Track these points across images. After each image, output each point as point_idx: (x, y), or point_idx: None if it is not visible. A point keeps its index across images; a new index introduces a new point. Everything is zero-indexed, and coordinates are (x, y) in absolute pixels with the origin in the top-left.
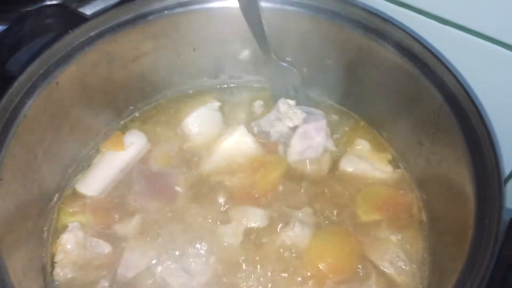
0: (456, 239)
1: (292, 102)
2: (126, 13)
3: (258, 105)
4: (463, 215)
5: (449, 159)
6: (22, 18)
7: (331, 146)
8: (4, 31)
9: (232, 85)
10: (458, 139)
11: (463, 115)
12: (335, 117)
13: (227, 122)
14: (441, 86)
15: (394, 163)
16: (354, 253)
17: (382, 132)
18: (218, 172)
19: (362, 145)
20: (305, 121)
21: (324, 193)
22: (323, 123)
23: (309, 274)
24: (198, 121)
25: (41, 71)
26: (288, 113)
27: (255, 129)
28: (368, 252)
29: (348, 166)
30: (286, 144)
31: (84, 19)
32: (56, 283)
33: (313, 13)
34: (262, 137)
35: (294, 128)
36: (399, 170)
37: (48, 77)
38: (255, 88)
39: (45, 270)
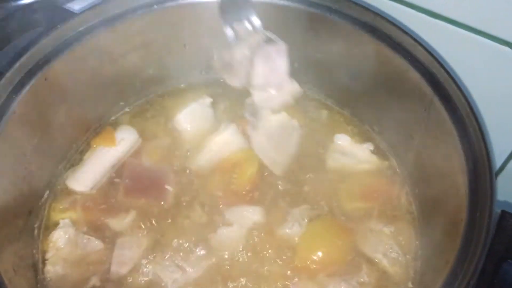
0: (448, 231)
1: (248, 25)
2: (115, 8)
3: (249, 101)
4: (455, 208)
5: (440, 153)
6: (10, 14)
7: (296, 86)
8: None
9: (223, 80)
10: (449, 133)
11: (454, 108)
12: (324, 111)
13: (218, 118)
14: (432, 80)
15: (380, 153)
16: (346, 245)
17: (373, 126)
18: (208, 169)
19: (346, 139)
20: (265, 43)
21: (313, 187)
22: (283, 46)
23: (301, 266)
24: (190, 118)
25: (29, 67)
26: (246, 33)
27: (218, 65)
28: (361, 244)
29: (333, 160)
30: (249, 69)
31: (72, 14)
32: (48, 280)
33: (304, 7)
34: (227, 72)
35: (254, 52)
36: (387, 162)
37: (37, 73)
38: None
39: (37, 268)
